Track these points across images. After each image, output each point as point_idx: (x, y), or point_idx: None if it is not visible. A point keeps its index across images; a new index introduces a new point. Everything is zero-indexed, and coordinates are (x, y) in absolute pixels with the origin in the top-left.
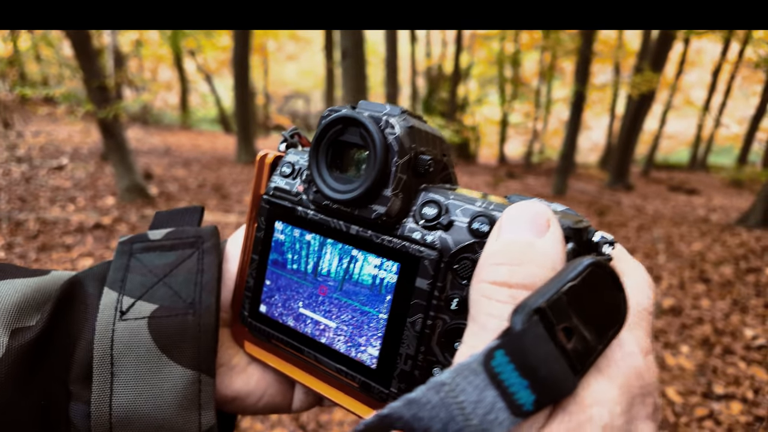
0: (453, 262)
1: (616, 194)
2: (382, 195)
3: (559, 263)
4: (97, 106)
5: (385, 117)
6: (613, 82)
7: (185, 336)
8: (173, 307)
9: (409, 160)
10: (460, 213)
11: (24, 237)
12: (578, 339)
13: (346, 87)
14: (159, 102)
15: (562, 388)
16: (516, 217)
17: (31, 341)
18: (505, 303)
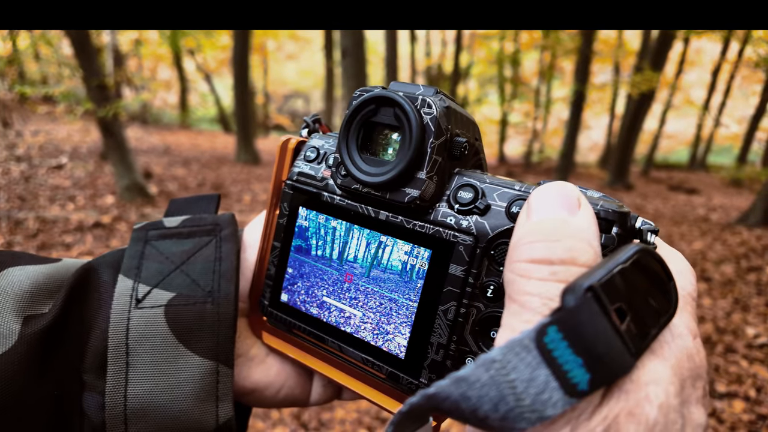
0: (490, 247)
1: (616, 194)
2: (416, 178)
3: (594, 240)
4: (96, 105)
5: (420, 96)
6: (613, 81)
7: (203, 325)
8: (191, 296)
9: (445, 141)
10: (498, 197)
11: (23, 236)
12: (632, 320)
13: (346, 86)
14: (158, 101)
15: (618, 366)
16: (547, 196)
17: (44, 329)
18: (546, 281)
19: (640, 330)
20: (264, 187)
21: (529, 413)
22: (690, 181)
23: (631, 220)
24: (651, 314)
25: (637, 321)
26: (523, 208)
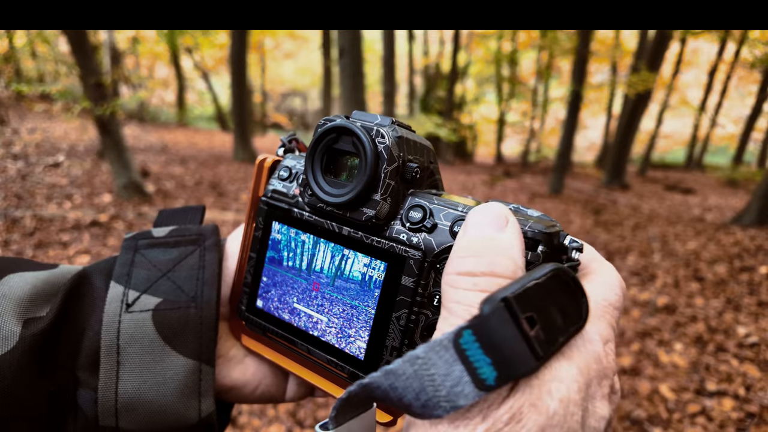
0: (436, 261)
1: (612, 193)
2: (372, 199)
3: (518, 256)
4: (93, 103)
5: (376, 127)
6: (610, 81)
7: (187, 328)
8: (176, 301)
9: (397, 167)
10: (443, 217)
11: (20, 234)
12: (541, 328)
13: (343, 85)
14: (155, 99)
15: (521, 366)
16: (479, 216)
17: (42, 331)
18: (469, 290)
19: (549, 336)
20: None
21: (444, 402)
22: (686, 181)
23: (560, 238)
24: (561, 323)
25: (546, 329)
26: (462, 225)
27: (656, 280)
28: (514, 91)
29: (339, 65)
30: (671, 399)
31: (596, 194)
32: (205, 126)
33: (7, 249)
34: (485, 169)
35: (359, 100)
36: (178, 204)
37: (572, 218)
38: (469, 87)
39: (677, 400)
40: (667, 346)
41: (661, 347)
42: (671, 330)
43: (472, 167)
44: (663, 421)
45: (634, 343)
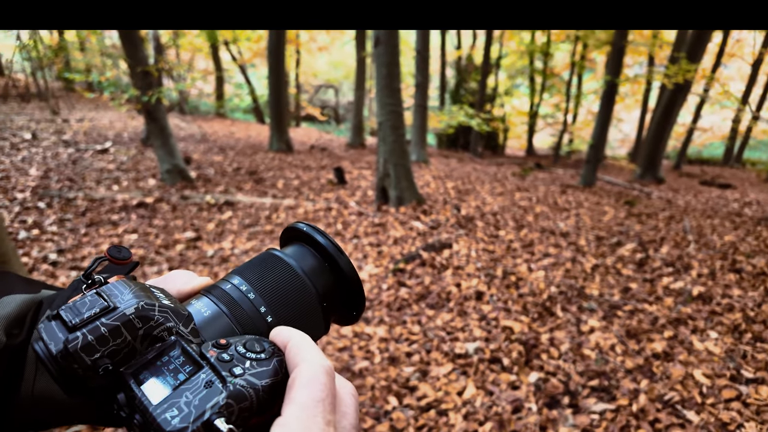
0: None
1: (646, 187)
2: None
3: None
4: (141, 92)
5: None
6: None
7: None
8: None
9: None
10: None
11: (74, 213)
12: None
13: (378, 74)
14: (195, 91)
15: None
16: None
17: (18, 343)
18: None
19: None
20: (296, 174)
21: None
22: (724, 176)
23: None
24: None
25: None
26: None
27: (691, 270)
28: (548, 84)
29: (373, 54)
30: (705, 384)
31: (629, 187)
32: (241, 117)
33: (63, 226)
34: (516, 161)
35: (394, 89)
36: (220, 188)
37: (605, 209)
38: (501, 79)
39: (712, 385)
40: (702, 334)
41: (695, 334)
42: (706, 318)
43: (502, 159)
44: (696, 404)
45: (666, 330)
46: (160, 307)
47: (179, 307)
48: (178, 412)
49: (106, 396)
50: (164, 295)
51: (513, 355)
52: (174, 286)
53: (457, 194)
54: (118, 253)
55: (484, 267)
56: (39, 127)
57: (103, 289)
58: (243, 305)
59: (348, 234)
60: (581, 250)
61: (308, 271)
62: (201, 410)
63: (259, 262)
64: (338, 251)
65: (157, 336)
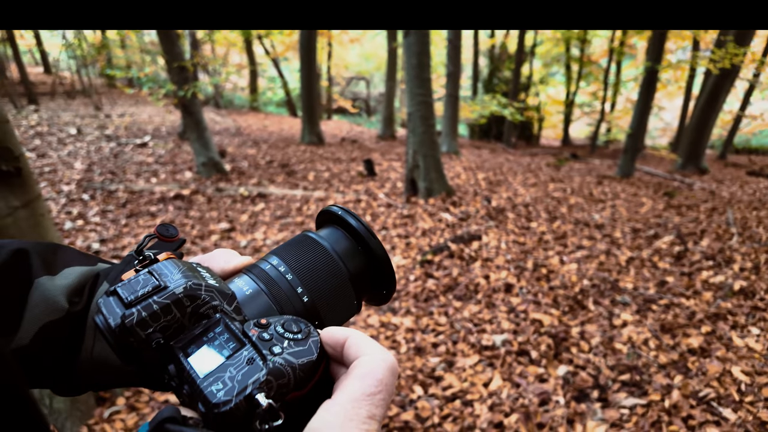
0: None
1: (687, 178)
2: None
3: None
4: (177, 87)
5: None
6: (691, 58)
7: None
8: None
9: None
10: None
11: (115, 205)
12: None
13: (408, 64)
14: (229, 85)
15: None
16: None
17: (77, 311)
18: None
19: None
20: (326, 167)
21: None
22: None
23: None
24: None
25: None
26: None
27: (733, 264)
28: (585, 72)
29: (403, 44)
30: (744, 381)
31: (669, 178)
32: (274, 111)
33: (105, 217)
34: (551, 151)
35: (424, 79)
36: (253, 181)
37: (643, 200)
38: (536, 67)
39: (751, 383)
40: (743, 330)
41: (735, 330)
42: (748, 314)
43: (537, 149)
44: (734, 402)
45: (704, 325)
46: (207, 286)
47: (223, 287)
48: (223, 385)
49: (157, 367)
50: (210, 275)
51: (542, 347)
52: (217, 264)
53: (488, 185)
54: (166, 231)
55: (514, 259)
56: (83, 122)
57: (155, 268)
58: (281, 285)
59: (376, 225)
60: (616, 242)
61: (341, 252)
62: (243, 385)
63: (295, 244)
64: (370, 234)
65: (204, 313)
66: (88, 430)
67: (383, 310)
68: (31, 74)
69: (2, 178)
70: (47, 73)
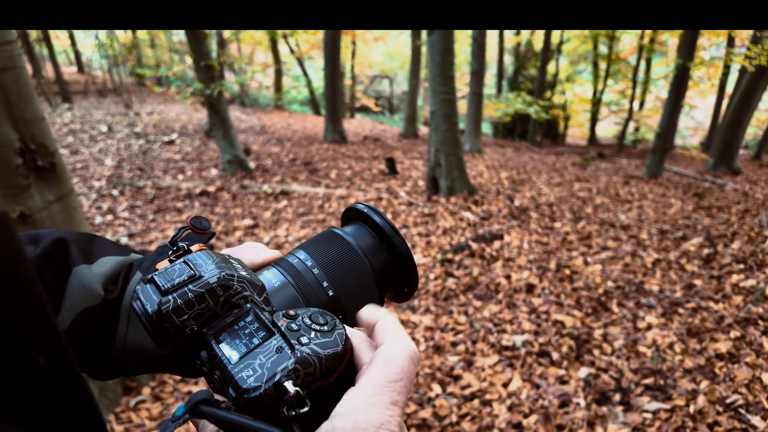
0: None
1: (719, 178)
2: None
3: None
4: (204, 85)
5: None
6: (725, 54)
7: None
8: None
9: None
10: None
11: (143, 200)
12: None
13: (432, 62)
14: (255, 84)
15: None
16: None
17: (113, 299)
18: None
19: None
20: (348, 165)
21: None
22: None
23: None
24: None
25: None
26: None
27: (765, 268)
28: (613, 70)
29: (427, 43)
30: None
31: (700, 178)
32: (298, 109)
33: (133, 212)
34: (577, 150)
35: (447, 77)
36: (277, 178)
37: (671, 201)
38: (562, 65)
39: None
40: None
41: (766, 336)
42: None
43: (562, 148)
44: (763, 409)
45: (733, 330)
46: (239, 277)
47: (254, 278)
48: (253, 372)
49: (190, 352)
50: (241, 266)
51: (563, 349)
52: (247, 256)
53: (511, 184)
54: (199, 223)
55: (536, 259)
56: (114, 120)
57: (190, 258)
58: (307, 278)
59: (397, 224)
60: (642, 243)
61: (365, 249)
62: (272, 372)
63: (322, 239)
64: (394, 231)
65: (235, 303)
66: (115, 417)
67: (402, 308)
68: (66, 73)
69: (38, 174)
70: (80, 73)
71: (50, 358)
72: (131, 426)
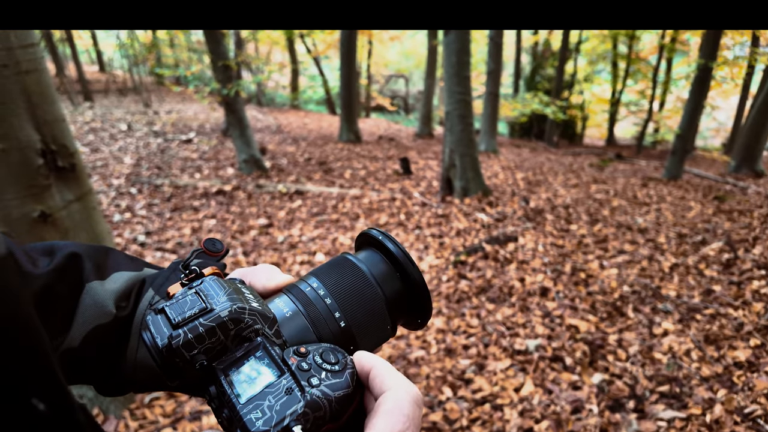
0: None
1: (741, 181)
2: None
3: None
4: (221, 85)
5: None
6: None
7: None
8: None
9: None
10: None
11: (160, 199)
12: None
13: (448, 62)
14: (272, 83)
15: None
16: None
17: (125, 315)
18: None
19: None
20: (363, 165)
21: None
22: None
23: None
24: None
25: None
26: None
27: None
28: (632, 69)
29: (443, 43)
30: None
31: (721, 181)
32: (314, 109)
33: (151, 210)
34: (595, 151)
35: (463, 77)
36: (292, 178)
37: (690, 204)
38: (580, 65)
39: None
40: None
41: None
42: None
43: (580, 149)
44: None
45: (753, 338)
46: (250, 310)
47: (265, 309)
48: (262, 414)
49: (199, 386)
50: (252, 296)
51: (577, 354)
52: (259, 281)
53: (527, 185)
54: (212, 246)
55: (551, 262)
56: (134, 118)
57: (202, 289)
58: (319, 308)
59: (410, 225)
60: (660, 247)
61: (378, 277)
62: (282, 416)
63: (335, 266)
64: (408, 259)
65: (246, 336)
66: (130, 414)
67: None
68: (87, 73)
69: (59, 174)
70: (102, 72)
71: (51, 405)
72: (145, 422)
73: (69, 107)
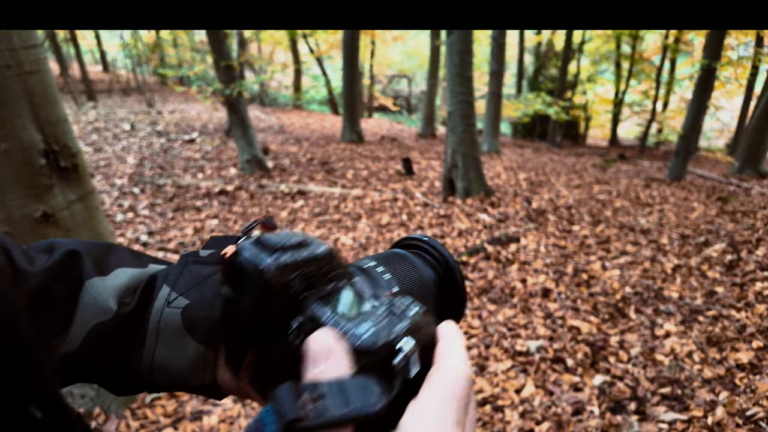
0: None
1: (745, 182)
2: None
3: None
4: (224, 85)
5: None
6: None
7: (200, 324)
8: (198, 304)
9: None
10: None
11: (163, 199)
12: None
13: (450, 63)
14: (274, 83)
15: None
16: (310, 355)
17: (128, 312)
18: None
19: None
20: (365, 165)
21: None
22: None
23: (392, 346)
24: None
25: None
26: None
27: None
28: (635, 70)
29: (446, 43)
30: None
31: (724, 182)
32: (317, 109)
33: (153, 210)
34: (598, 151)
35: (465, 77)
36: (294, 178)
37: (693, 205)
38: (583, 65)
39: None
40: None
41: None
42: None
43: (583, 149)
44: None
45: (755, 340)
46: (339, 253)
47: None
48: (367, 328)
49: (282, 318)
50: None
51: (578, 356)
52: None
53: (529, 186)
54: (271, 221)
55: (553, 263)
56: (137, 118)
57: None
58: (379, 282)
59: (412, 225)
60: (662, 248)
61: (428, 277)
62: (389, 331)
63: (388, 255)
64: (455, 267)
65: (339, 274)
66: (131, 413)
67: None
68: (91, 72)
69: (61, 174)
70: (105, 72)
71: (46, 412)
72: (147, 422)
73: (72, 107)
